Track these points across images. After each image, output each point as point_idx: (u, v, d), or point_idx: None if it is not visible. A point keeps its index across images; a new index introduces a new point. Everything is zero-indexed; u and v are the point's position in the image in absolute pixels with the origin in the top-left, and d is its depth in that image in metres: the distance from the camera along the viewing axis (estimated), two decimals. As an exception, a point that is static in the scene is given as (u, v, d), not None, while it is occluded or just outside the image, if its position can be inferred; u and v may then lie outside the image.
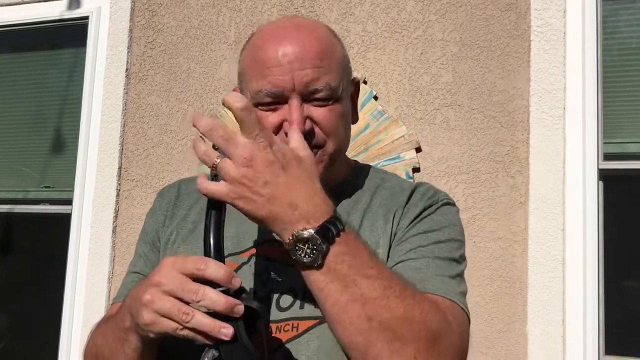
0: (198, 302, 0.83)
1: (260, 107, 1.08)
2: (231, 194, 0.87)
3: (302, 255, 0.87)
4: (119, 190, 2.73)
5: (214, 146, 0.91)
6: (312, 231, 0.86)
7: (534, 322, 2.14)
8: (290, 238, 0.86)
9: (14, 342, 3.27)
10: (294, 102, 1.05)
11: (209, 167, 0.88)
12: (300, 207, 0.87)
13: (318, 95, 1.06)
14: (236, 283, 0.85)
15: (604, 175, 2.21)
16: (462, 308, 0.99)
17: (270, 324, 1.01)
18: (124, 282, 1.22)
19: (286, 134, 1.04)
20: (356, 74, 2.44)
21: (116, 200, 2.71)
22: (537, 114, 2.23)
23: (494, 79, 2.32)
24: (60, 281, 2.80)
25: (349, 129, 1.15)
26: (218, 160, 0.87)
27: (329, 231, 0.87)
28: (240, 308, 0.84)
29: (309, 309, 1.01)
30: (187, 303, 0.84)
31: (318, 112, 1.07)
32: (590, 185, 2.17)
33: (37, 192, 3.06)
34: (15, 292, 3.24)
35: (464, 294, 1.03)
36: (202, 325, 0.83)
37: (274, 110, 1.07)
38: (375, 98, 2.42)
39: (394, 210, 1.10)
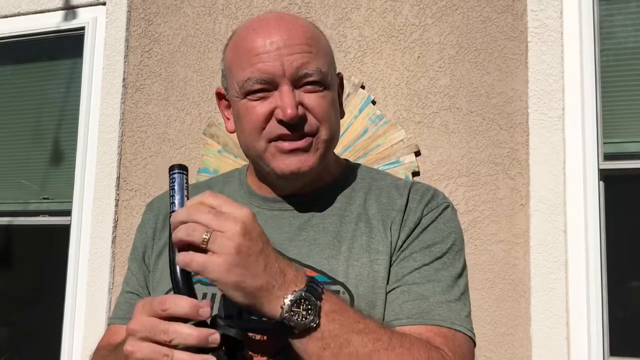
0: (170, 341, 0.83)
1: (249, 98, 1.06)
2: (224, 265, 0.84)
3: (300, 319, 0.86)
4: (118, 200, 2.72)
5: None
6: (302, 292, 0.86)
7: (537, 324, 2.13)
8: (286, 304, 0.86)
9: (15, 354, 3.25)
10: (285, 87, 1.04)
11: (197, 245, 0.85)
12: (288, 273, 0.88)
13: (309, 79, 1.05)
14: (204, 313, 0.85)
15: (605, 176, 2.20)
16: (466, 334, 1.00)
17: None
18: (118, 302, 1.21)
19: (278, 121, 1.04)
20: (353, 79, 2.44)
21: (115, 211, 2.70)
22: (536, 116, 2.23)
23: (492, 81, 2.31)
24: (60, 292, 2.78)
25: (339, 119, 1.13)
26: (207, 236, 0.85)
27: (316, 289, 0.88)
28: (215, 337, 0.83)
29: None
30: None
31: (310, 98, 1.05)
32: (591, 186, 2.16)
33: (36, 204, 3.05)
34: (16, 304, 3.23)
35: (468, 315, 1.03)
36: None
37: (264, 99, 1.05)
38: (374, 102, 2.42)
39: (393, 216, 1.09)
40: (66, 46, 3.03)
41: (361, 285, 1.02)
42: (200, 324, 0.84)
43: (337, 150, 2.37)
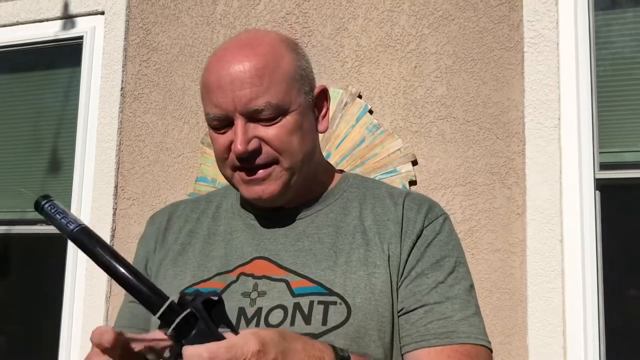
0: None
1: (213, 131, 1.10)
2: None
3: None
4: (116, 209, 2.72)
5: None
6: None
7: (534, 333, 2.13)
8: None
9: (12, 364, 3.25)
10: (239, 122, 1.06)
11: None
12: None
13: (261, 116, 1.06)
14: (104, 339, 0.80)
15: (601, 185, 2.20)
16: (486, 346, 1.05)
17: None
18: (121, 311, 1.22)
19: (235, 157, 1.07)
20: (351, 88, 2.45)
21: (113, 219, 2.71)
22: (532, 125, 2.24)
23: (489, 90, 2.33)
24: (57, 301, 2.78)
25: (308, 139, 1.12)
26: None
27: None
28: (105, 336, 0.80)
29: (300, 326, 1.00)
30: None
31: (266, 131, 1.07)
32: (587, 195, 2.17)
33: (34, 213, 3.04)
34: (13, 313, 3.23)
35: (483, 325, 1.08)
36: None
37: (225, 131, 1.08)
38: (370, 112, 2.43)
39: (390, 228, 1.10)
40: (64, 55, 3.04)
41: (358, 297, 1.03)
42: (165, 319, 0.81)
43: (334, 160, 2.39)
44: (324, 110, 1.17)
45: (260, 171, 1.08)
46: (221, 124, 1.08)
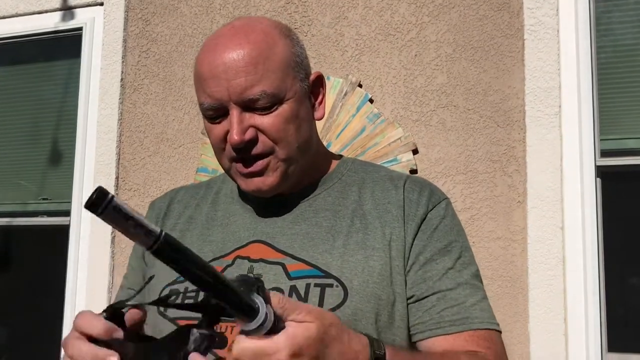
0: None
1: (208, 121, 1.09)
2: None
3: None
4: (117, 200, 2.72)
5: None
6: None
7: (535, 321, 2.14)
8: None
9: (14, 355, 3.26)
10: (234, 112, 1.04)
11: None
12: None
13: (257, 105, 1.04)
14: (117, 335, 0.82)
15: (602, 172, 2.20)
16: (497, 329, 1.08)
17: None
18: (118, 297, 1.23)
19: (232, 147, 1.06)
20: (351, 77, 2.45)
21: (114, 210, 2.70)
22: (532, 113, 2.23)
23: (489, 78, 2.32)
24: (59, 293, 2.79)
25: (304, 127, 1.10)
26: None
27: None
28: (117, 333, 0.82)
29: None
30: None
31: (262, 120, 1.05)
32: (588, 183, 2.17)
33: (35, 205, 3.05)
34: (15, 305, 3.24)
35: (491, 308, 1.10)
36: None
37: (220, 121, 1.07)
38: (371, 101, 2.42)
39: (391, 210, 1.09)
40: (64, 47, 3.04)
41: (355, 280, 1.02)
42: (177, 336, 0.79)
43: (335, 149, 2.39)
44: (320, 97, 1.16)
45: (258, 162, 1.06)
46: (216, 113, 1.06)
